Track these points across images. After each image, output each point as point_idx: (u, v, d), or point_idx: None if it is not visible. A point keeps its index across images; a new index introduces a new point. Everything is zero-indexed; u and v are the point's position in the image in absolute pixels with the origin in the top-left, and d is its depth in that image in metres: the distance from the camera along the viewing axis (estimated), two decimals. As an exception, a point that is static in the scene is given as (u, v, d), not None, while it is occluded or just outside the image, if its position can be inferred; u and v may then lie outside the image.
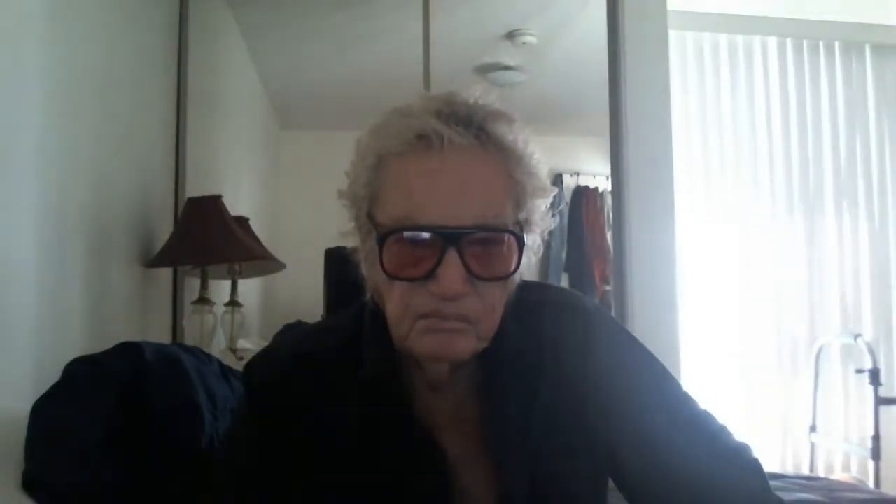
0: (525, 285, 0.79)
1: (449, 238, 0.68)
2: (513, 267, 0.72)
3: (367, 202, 0.74)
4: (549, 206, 0.77)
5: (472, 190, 0.70)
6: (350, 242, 0.79)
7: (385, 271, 0.70)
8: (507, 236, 0.71)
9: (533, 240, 0.76)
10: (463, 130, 0.70)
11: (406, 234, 0.69)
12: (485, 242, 0.70)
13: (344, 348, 0.81)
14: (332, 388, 0.80)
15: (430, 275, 0.69)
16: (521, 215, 0.74)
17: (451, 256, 0.68)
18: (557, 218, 0.79)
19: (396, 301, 0.72)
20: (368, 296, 0.82)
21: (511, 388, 0.80)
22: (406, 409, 0.79)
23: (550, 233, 0.80)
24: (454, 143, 0.70)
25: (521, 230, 0.73)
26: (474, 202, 0.70)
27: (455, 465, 0.79)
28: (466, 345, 0.72)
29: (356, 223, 0.78)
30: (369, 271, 0.77)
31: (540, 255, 0.79)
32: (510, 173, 0.73)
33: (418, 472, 0.78)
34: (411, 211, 0.69)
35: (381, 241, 0.70)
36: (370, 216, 0.74)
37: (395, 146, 0.71)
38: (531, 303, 0.81)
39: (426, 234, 0.69)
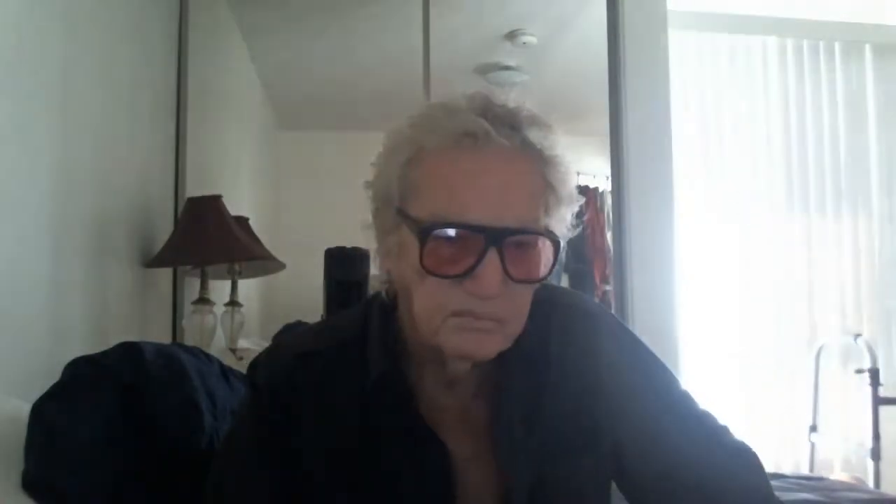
0: None
1: (491, 238, 0.68)
2: (545, 270, 0.73)
3: (398, 195, 0.74)
4: (574, 214, 0.77)
5: (515, 192, 0.71)
6: (369, 235, 0.79)
7: (424, 266, 0.70)
8: (542, 240, 0.72)
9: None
10: (508, 132, 0.71)
11: (448, 230, 0.69)
12: (521, 244, 0.71)
13: (348, 346, 0.81)
14: (336, 386, 0.80)
15: (468, 273, 0.69)
16: (549, 221, 0.74)
17: (492, 256, 0.68)
18: (580, 228, 0.79)
19: (429, 297, 0.71)
20: (382, 291, 0.82)
21: (518, 388, 0.81)
22: (411, 407, 0.79)
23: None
24: (499, 144, 0.70)
25: (557, 237, 0.74)
26: (517, 204, 0.70)
27: (459, 464, 0.79)
28: (495, 345, 0.73)
29: (378, 216, 0.77)
30: (392, 265, 0.77)
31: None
32: (547, 179, 0.73)
33: (422, 471, 0.78)
34: (454, 208, 0.69)
35: (424, 235, 0.70)
36: (400, 211, 0.74)
37: (438, 141, 0.71)
38: (538, 304, 0.81)
39: (469, 232, 0.69)
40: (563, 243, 0.75)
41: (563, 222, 0.76)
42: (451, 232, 0.69)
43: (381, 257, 0.78)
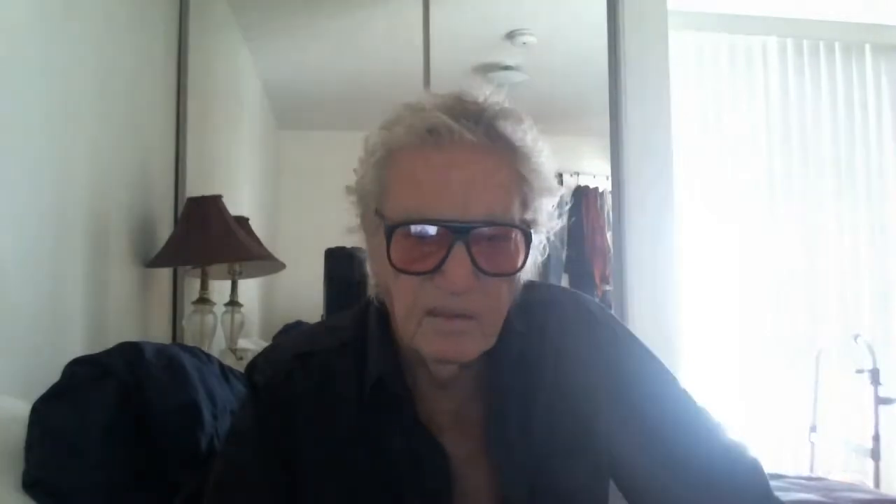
0: (529, 285, 0.79)
1: (457, 232, 0.68)
2: (519, 264, 0.72)
3: (375, 197, 0.74)
4: (555, 206, 0.77)
5: (481, 185, 0.70)
6: (356, 239, 0.79)
7: (392, 265, 0.70)
8: (514, 232, 0.72)
9: (539, 240, 0.76)
10: (473, 126, 0.71)
11: (414, 227, 0.70)
12: (492, 238, 0.70)
13: (347, 347, 0.82)
14: (334, 387, 0.80)
15: (437, 269, 0.69)
16: (528, 214, 0.74)
17: (459, 250, 0.68)
18: (564, 219, 0.79)
19: (403, 296, 0.72)
20: (373, 294, 0.82)
21: (514, 388, 0.80)
22: (409, 409, 0.79)
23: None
24: (464, 138, 0.70)
25: (529, 228, 0.73)
26: (483, 197, 0.70)
27: (457, 466, 0.79)
28: (474, 345, 0.72)
29: (362, 219, 0.78)
30: (376, 267, 0.77)
31: (546, 255, 0.79)
32: (518, 171, 0.73)
33: (420, 473, 0.78)
34: (420, 205, 0.69)
35: (390, 234, 0.70)
36: (377, 211, 0.74)
37: (404, 140, 0.72)
38: (535, 303, 0.81)
39: (434, 228, 0.69)
40: (538, 238, 0.74)
41: (543, 214, 0.75)
42: (418, 229, 0.70)
43: (367, 260, 0.79)
